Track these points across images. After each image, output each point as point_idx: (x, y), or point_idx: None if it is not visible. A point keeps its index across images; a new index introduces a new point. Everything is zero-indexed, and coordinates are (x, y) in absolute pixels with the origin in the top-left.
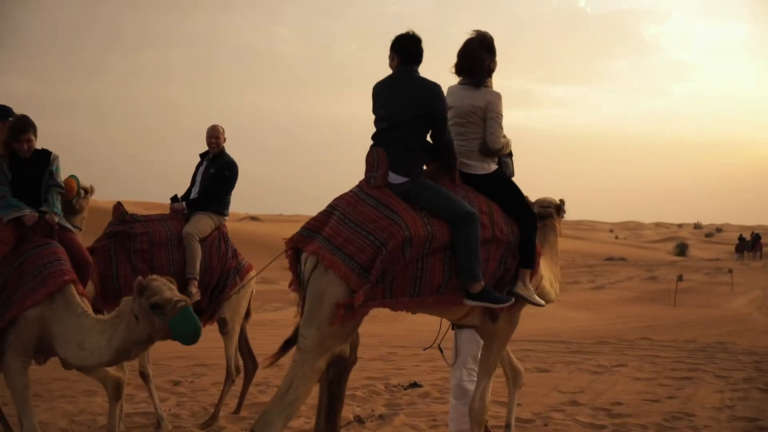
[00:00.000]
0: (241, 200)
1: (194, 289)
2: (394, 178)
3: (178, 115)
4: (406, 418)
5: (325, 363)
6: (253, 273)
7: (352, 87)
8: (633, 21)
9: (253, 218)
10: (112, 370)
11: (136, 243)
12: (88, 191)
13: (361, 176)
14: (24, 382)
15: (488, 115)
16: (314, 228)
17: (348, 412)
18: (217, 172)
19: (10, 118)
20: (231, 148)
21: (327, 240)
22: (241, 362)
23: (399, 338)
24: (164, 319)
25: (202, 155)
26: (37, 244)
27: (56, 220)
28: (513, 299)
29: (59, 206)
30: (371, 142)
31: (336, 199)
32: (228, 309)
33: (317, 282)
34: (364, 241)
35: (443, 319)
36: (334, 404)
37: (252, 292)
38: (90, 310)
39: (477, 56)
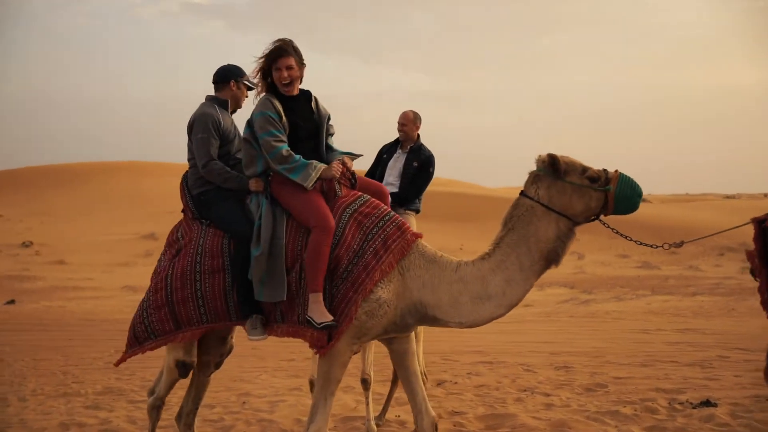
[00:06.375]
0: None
1: None
2: None
3: (571, 100)
4: None
5: None
6: None
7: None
8: None
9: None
10: None
11: None
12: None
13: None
14: (341, 375)
15: None
16: None
17: None
18: (421, 167)
19: (244, 81)
20: (631, 129)
21: None
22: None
23: (741, 338)
24: (610, 189)
25: (395, 142)
26: (350, 199)
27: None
28: None
29: None
30: None
31: None
32: None
33: None
34: None
35: None
36: None
37: None
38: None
39: None
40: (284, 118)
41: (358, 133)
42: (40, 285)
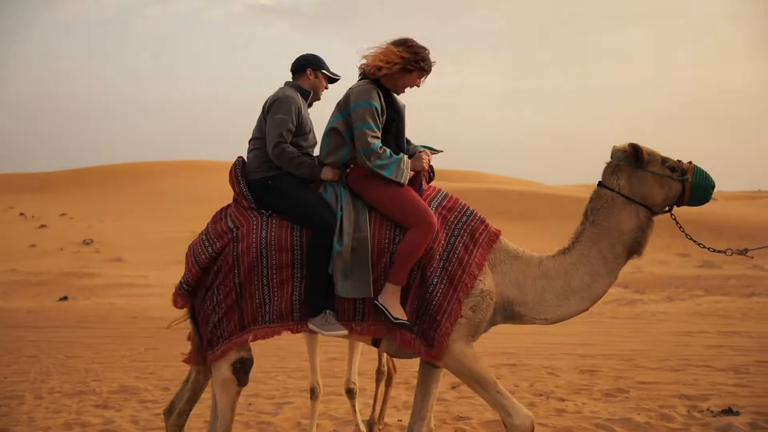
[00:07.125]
0: None
1: None
2: None
3: (638, 97)
4: None
5: None
6: None
7: None
8: None
9: None
10: None
11: None
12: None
13: None
14: (485, 366)
15: None
16: None
17: None
18: None
19: (323, 71)
20: (698, 123)
21: None
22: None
23: None
24: (688, 179)
25: None
26: (433, 193)
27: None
28: None
29: None
30: None
31: None
32: None
33: None
34: None
35: None
36: None
37: None
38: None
39: None
40: (385, 113)
41: (428, 130)
42: (96, 282)
